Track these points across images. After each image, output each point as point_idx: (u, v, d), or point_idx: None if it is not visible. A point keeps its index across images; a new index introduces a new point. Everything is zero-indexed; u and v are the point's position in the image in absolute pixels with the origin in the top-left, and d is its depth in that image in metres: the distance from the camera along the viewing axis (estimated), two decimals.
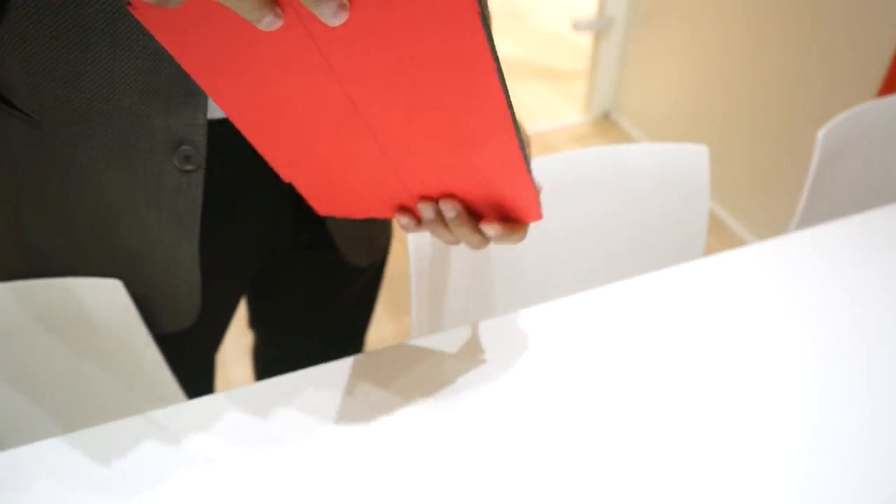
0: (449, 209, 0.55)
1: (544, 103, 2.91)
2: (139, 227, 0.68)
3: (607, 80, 2.70)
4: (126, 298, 0.69)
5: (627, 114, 2.70)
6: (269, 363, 1.14)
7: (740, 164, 2.16)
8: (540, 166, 0.89)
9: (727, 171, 2.23)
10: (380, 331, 1.91)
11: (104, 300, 0.69)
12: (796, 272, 0.78)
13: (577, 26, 2.59)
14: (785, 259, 0.80)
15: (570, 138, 2.70)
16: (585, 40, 3.22)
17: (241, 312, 1.76)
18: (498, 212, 0.56)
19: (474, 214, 0.57)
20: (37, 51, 0.57)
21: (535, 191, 0.54)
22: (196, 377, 0.96)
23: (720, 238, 2.23)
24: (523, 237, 0.57)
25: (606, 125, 2.76)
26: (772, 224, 2.09)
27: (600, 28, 2.56)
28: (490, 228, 0.55)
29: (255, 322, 1.07)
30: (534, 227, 0.92)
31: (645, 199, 0.94)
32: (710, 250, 2.18)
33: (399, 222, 0.58)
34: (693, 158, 0.92)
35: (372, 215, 0.60)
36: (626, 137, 2.68)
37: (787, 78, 1.91)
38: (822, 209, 1.04)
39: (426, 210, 0.56)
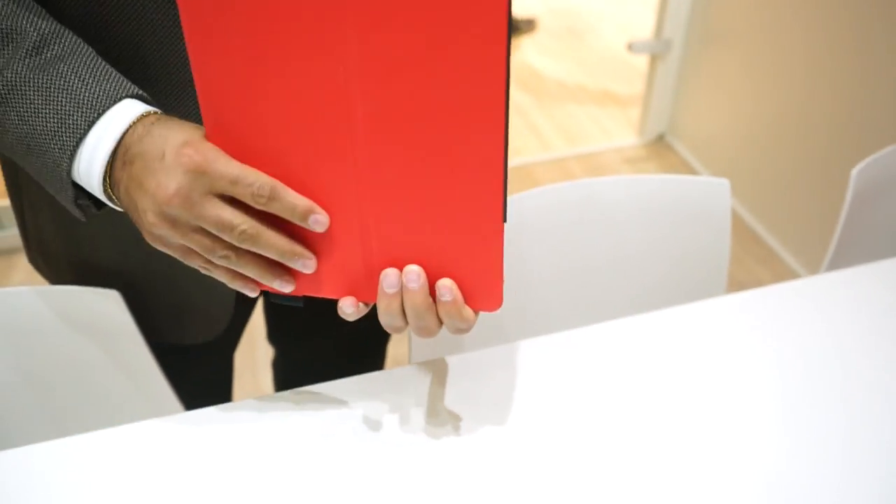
0: (412, 278, 0.52)
1: (598, 123, 2.88)
2: None
3: (662, 103, 2.66)
4: (124, 310, 0.72)
5: (682, 137, 2.65)
6: (287, 374, 1.16)
7: (790, 191, 2.10)
8: (551, 193, 0.89)
9: (778, 199, 2.16)
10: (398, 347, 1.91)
11: (103, 309, 0.71)
12: (817, 315, 0.75)
13: (632, 48, 2.56)
14: (808, 301, 0.77)
15: (622, 160, 2.67)
16: (642, 61, 3.18)
17: None
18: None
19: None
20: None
21: (501, 274, 0.52)
22: (214, 385, 0.98)
23: (771, 268, 2.16)
24: (470, 326, 0.54)
25: (660, 148, 2.72)
26: (818, 254, 2.02)
27: (657, 51, 2.53)
28: (447, 291, 0.51)
29: (272, 336, 1.08)
30: (545, 255, 0.91)
31: (665, 231, 0.92)
32: (757, 278, 2.12)
33: (342, 311, 0.54)
34: (715, 191, 0.90)
35: (310, 292, 0.56)
36: (679, 161, 2.63)
37: (840, 110, 1.85)
38: (856, 249, 1.01)
39: (389, 278, 0.52)
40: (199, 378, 0.90)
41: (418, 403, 0.66)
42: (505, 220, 0.50)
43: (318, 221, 0.51)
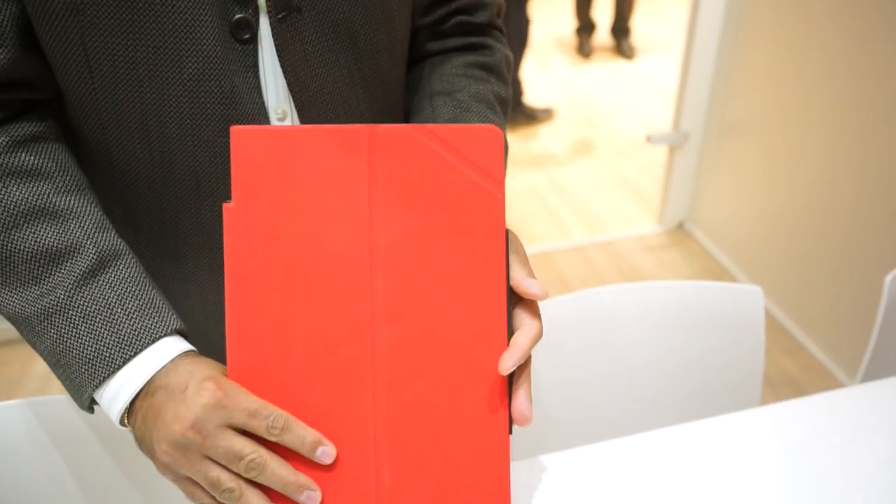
0: None
1: (617, 211, 2.90)
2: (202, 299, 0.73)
3: (682, 191, 2.68)
4: None
5: (701, 225, 2.66)
6: None
7: (812, 280, 2.09)
8: (583, 298, 0.89)
9: (801, 288, 2.15)
10: None
11: None
12: (852, 429, 0.74)
13: (651, 140, 2.60)
14: (842, 414, 0.75)
15: (643, 248, 2.68)
16: (660, 149, 3.23)
17: None
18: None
19: None
20: (136, 205, 0.68)
21: (508, 489, 0.54)
22: None
23: (796, 358, 2.13)
24: None
25: (680, 236, 2.73)
26: (851, 350, 1.99)
27: (675, 142, 2.57)
28: None
29: None
30: (569, 362, 0.91)
31: (697, 339, 0.92)
32: (783, 370, 2.09)
33: None
34: (747, 299, 0.90)
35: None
36: (700, 249, 2.63)
37: (859, 197, 1.86)
38: (892, 353, 0.99)
39: None
40: None
41: None
42: (510, 433, 0.54)
43: (326, 453, 0.52)
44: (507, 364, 0.52)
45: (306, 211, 0.52)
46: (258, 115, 0.62)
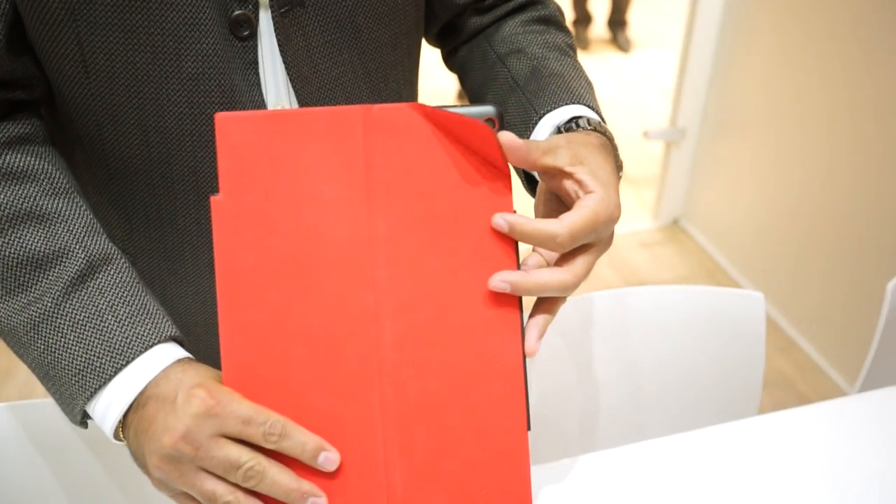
0: None
1: None
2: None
3: (678, 188, 2.67)
4: None
5: (696, 222, 2.65)
6: None
7: (807, 278, 2.08)
8: (586, 302, 0.87)
9: (795, 286, 2.14)
10: None
11: None
12: (853, 439, 0.73)
13: (648, 136, 2.59)
14: (842, 423, 0.74)
15: (637, 244, 2.67)
16: (656, 145, 3.21)
17: None
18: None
19: None
20: (133, 205, 0.66)
21: (529, 484, 0.52)
22: None
23: (791, 357, 2.13)
24: None
25: (675, 232, 2.72)
26: (847, 350, 1.99)
27: (672, 139, 2.55)
28: None
29: None
30: (572, 366, 0.89)
31: (697, 345, 0.91)
32: (778, 369, 2.09)
33: None
34: (749, 305, 0.89)
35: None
36: (693, 245, 2.63)
37: (854, 194, 1.85)
38: (892, 360, 0.98)
39: None
40: None
41: None
42: (529, 429, 0.51)
43: (329, 459, 0.49)
44: (495, 279, 0.48)
45: (299, 200, 0.48)
46: None
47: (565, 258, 0.51)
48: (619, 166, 0.58)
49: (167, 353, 0.53)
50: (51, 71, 0.58)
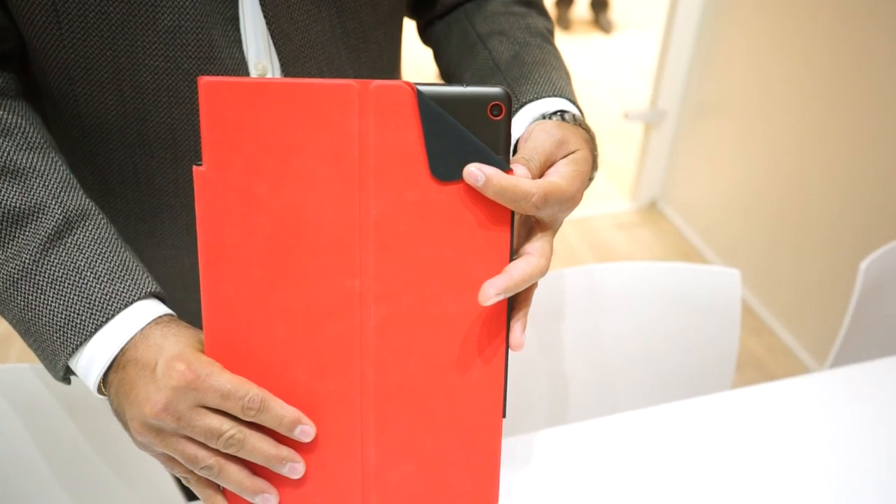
0: None
1: (590, 187, 2.90)
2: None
3: (656, 170, 2.69)
4: None
5: (674, 204, 2.67)
6: None
7: (780, 261, 2.11)
8: (558, 278, 0.88)
9: (768, 269, 2.18)
10: None
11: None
12: (821, 414, 0.74)
13: (628, 117, 2.60)
14: (812, 399, 0.76)
15: (614, 225, 2.69)
16: (635, 127, 3.23)
17: None
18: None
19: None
20: (108, 165, 0.65)
21: (497, 474, 0.53)
22: None
23: (763, 339, 2.17)
24: None
25: (653, 214, 2.74)
26: (818, 333, 2.03)
27: (652, 120, 2.57)
28: None
29: None
30: (544, 342, 0.90)
31: (671, 321, 0.92)
32: (749, 350, 2.12)
33: None
34: (724, 282, 0.90)
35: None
36: (670, 227, 2.65)
37: (831, 178, 1.88)
38: (865, 342, 1.00)
39: None
40: None
41: None
42: (504, 416, 0.52)
43: (305, 432, 0.50)
44: (489, 292, 0.47)
45: (288, 178, 0.46)
46: (238, 70, 0.60)
47: (530, 244, 0.51)
48: (595, 165, 0.58)
49: (148, 310, 0.53)
50: (21, 21, 0.56)
